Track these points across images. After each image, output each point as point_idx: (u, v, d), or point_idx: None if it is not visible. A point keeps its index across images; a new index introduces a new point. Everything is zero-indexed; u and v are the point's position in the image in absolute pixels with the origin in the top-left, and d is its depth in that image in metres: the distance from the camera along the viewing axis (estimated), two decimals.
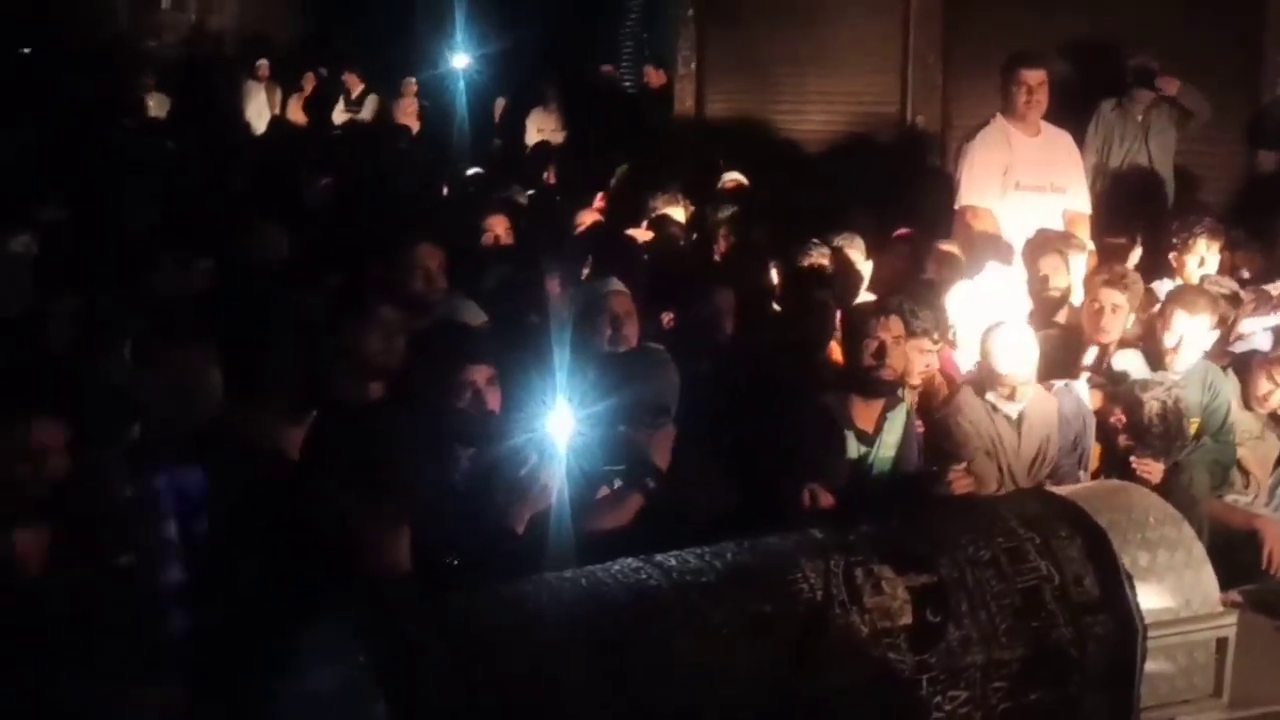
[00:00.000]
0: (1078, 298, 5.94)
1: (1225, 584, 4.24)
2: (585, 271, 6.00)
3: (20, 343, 4.96)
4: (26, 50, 15.87)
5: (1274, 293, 6.27)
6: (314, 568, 3.61)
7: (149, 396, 4.00)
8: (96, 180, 8.39)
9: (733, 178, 9.18)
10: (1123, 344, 5.47)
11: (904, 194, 8.49)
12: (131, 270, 5.52)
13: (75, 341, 5.16)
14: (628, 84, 14.23)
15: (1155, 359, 5.32)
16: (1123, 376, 5.25)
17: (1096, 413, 5.12)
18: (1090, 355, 5.49)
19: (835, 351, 5.26)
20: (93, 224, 6.88)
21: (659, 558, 3.43)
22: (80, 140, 10.62)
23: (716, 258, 6.90)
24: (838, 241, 6.32)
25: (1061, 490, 4.19)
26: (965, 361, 5.39)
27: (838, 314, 5.33)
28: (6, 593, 3.33)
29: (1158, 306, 5.64)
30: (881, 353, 4.57)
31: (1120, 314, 5.43)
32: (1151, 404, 4.95)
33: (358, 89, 14.96)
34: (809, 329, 5.25)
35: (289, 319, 4.90)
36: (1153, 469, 4.81)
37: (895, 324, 4.65)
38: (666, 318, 5.43)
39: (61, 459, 3.48)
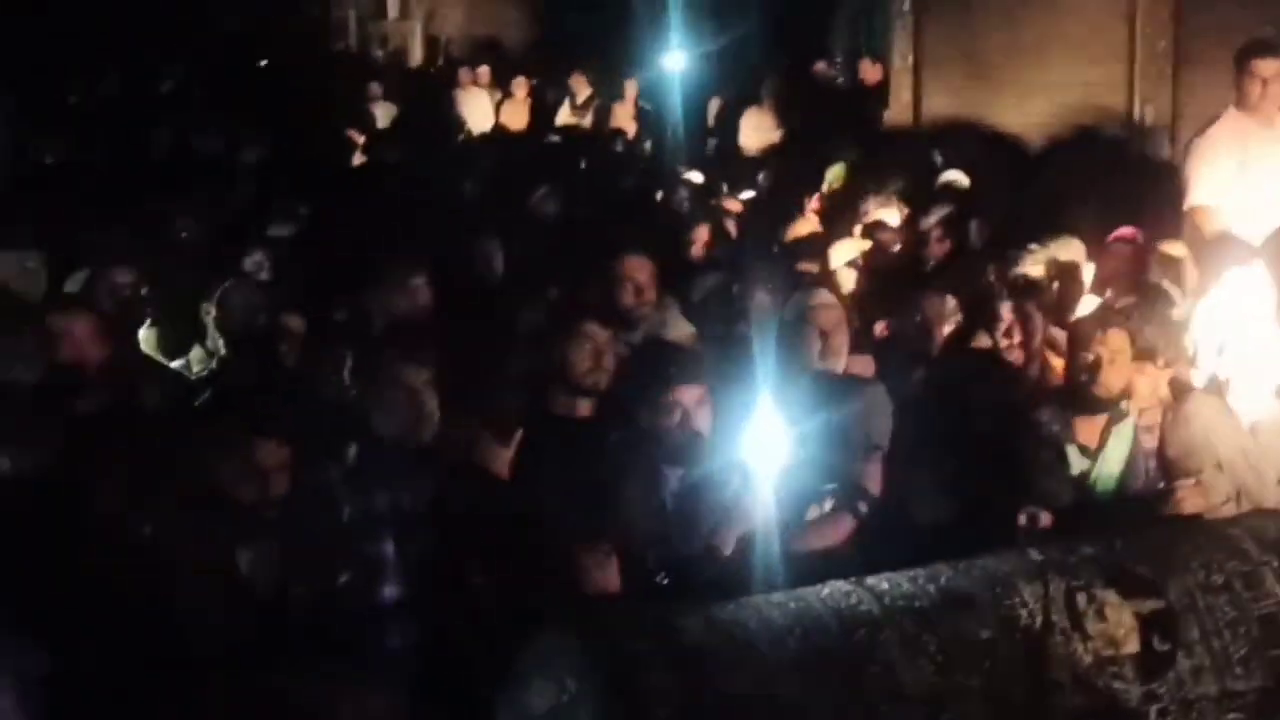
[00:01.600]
0: None
1: None
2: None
3: (251, 362, 5.17)
4: (263, 63, 16.52)
5: None
6: (530, 586, 3.70)
7: (369, 415, 4.11)
8: (325, 195, 8.71)
9: (951, 177, 9.02)
10: None
11: (1130, 191, 8.21)
12: (357, 287, 5.68)
13: (301, 360, 5.36)
14: (842, 81, 14.12)
15: None
16: None
17: None
18: None
19: (1054, 364, 5.12)
20: (322, 240, 7.11)
21: (870, 581, 3.39)
22: (310, 154, 11.03)
23: (930, 262, 6.79)
24: (1055, 246, 6.14)
25: None
26: (1203, 369, 5.19)
27: (1049, 326, 5.19)
28: (237, 609, 3.48)
29: None
30: (1097, 367, 4.44)
31: None
32: None
33: (584, 93, 15.15)
34: (1010, 339, 5.11)
35: (504, 336, 5.02)
36: None
37: (1115, 338, 4.50)
38: (879, 327, 5.37)
39: (284, 478, 3.63)
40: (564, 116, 15.04)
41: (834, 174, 9.50)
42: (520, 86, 15.65)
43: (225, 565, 3.52)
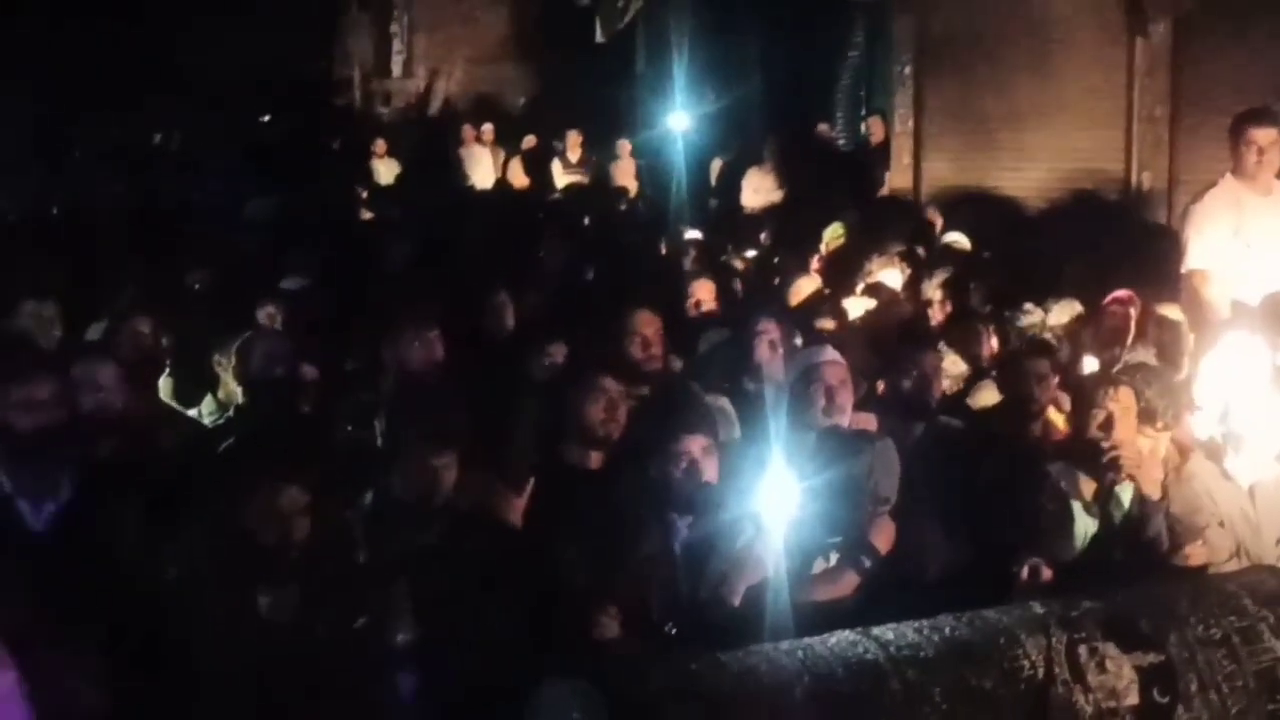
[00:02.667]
0: None
1: None
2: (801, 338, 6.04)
3: (270, 410, 5.23)
4: (266, 119, 16.59)
5: None
6: (543, 632, 3.75)
7: (387, 470, 4.16)
8: (334, 249, 8.80)
9: (953, 239, 9.12)
10: None
11: (1127, 254, 8.29)
12: (371, 339, 5.75)
13: (318, 407, 5.43)
14: (843, 142, 14.24)
15: None
16: None
17: None
18: None
19: (1056, 419, 5.19)
20: (333, 293, 7.19)
21: (876, 631, 3.43)
22: (317, 209, 11.13)
23: (933, 323, 6.87)
24: (1057, 308, 6.23)
25: None
26: (1204, 430, 5.25)
27: (1056, 382, 5.25)
28: (255, 651, 3.53)
29: None
30: (1109, 424, 4.51)
31: None
32: None
33: (576, 152, 15.26)
34: (1027, 398, 5.17)
35: (514, 389, 5.09)
36: None
37: (1125, 395, 4.59)
38: (880, 385, 5.43)
39: (305, 523, 3.70)
40: (559, 175, 15.14)
41: (831, 233, 9.52)
42: (529, 144, 15.74)
43: (246, 608, 3.58)
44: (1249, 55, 9.59)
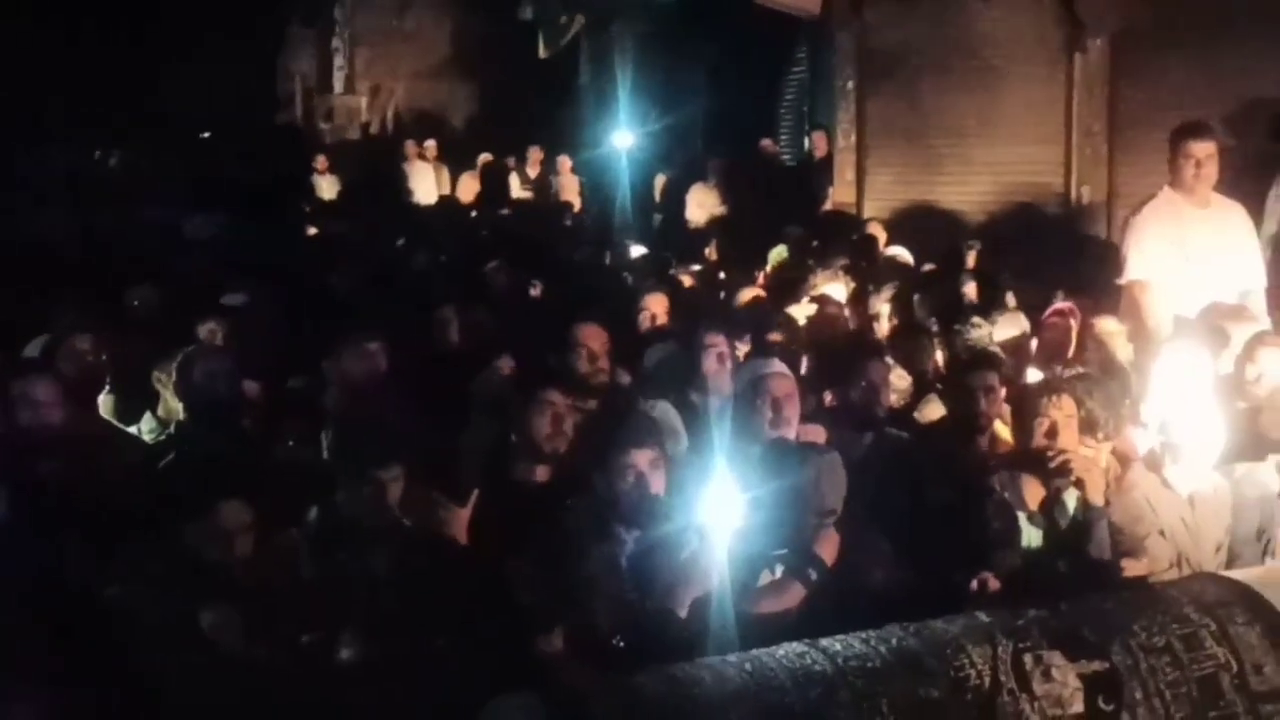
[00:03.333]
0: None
1: None
2: (745, 350, 6.05)
3: (213, 427, 5.17)
4: (205, 135, 16.49)
5: None
6: (489, 646, 3.73)
7: (333, 487, 4.13)
8: (277, 265, 8.73)
9: (895, 253, 9.17)
10: None
11: (1068, 267, 8.38)
12: (315, 354, 5.71)
13: (261, 424, 5.37)
14: (787, 157, 14.30)
15: None
16: None
17: None
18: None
19: (1003, 432, 5.22)
20: (276, 309, 7.13)
21: (824, 643, 3.43)
22: (260, 226, 11.04)
23: (880, 337, 6.91)
24: (1001, 321, 6.28)
25: (1239, 574, 4.09)
26: (1143, 442, 5.30)
27: (1003, 395, 5.28)
28: (199, 670, 3.49)
29: None
30: (1053, 433, 4.55)
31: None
32: None
33: (536, 168, 15.27)
34: (972, 410, 5.20)
35: (460, 404, 5.07)
36: None
37: (1068, 404, 4.62)
38: (828, 396, 5.44)
39: (249, 539, 3.67)
40: (515, 189, 15.13)
41: (775, 254, 9.63)
42: (485, 160, 15.71)
43: (190, 628, 3.53)
44: (1186, 71, 9.72)
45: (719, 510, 3.89)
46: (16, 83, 15.25)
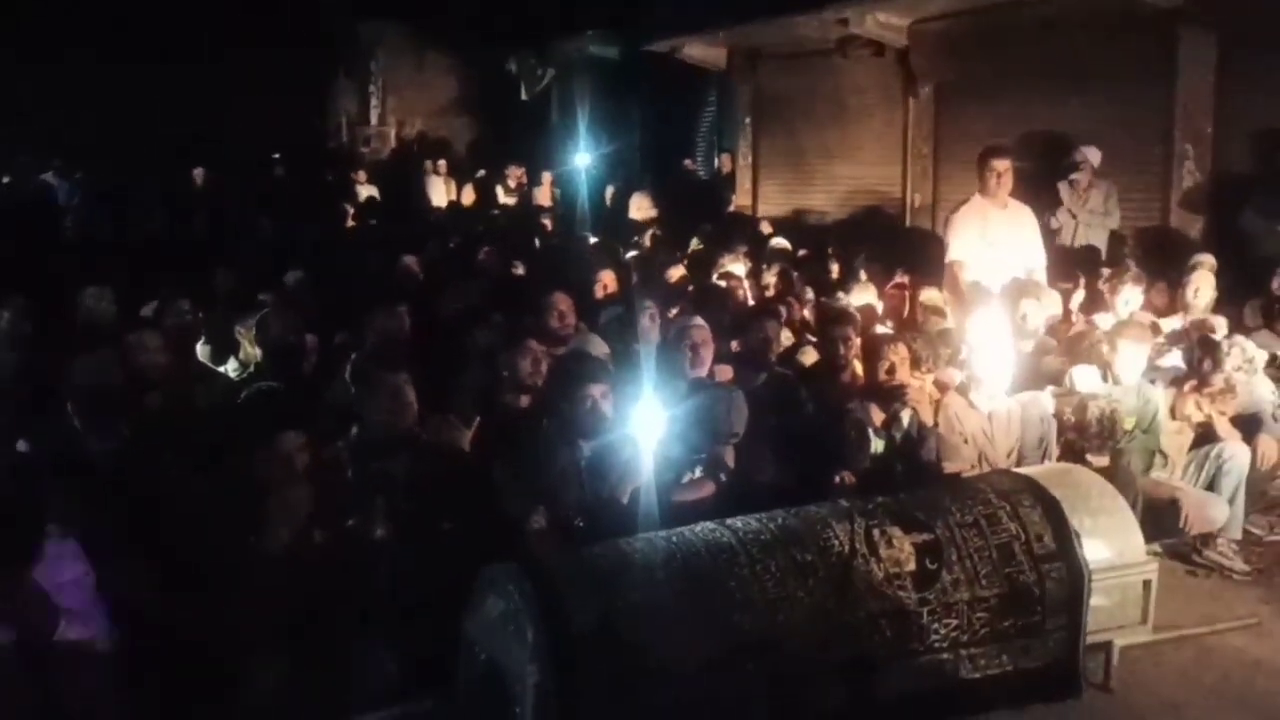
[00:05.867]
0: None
1: (1151, 538, 4.17)
2: (674, 311, 6.00)
3: (282, 368, 5.08)
4: (275, 155, 16.25)
5: (1181, 326, 6.13)
6: (485, 529, 3.68)
7: (364, 406, 4.06)
8: (329, 250, 8.57)
9: (778, 242, 9.17)
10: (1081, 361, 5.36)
11: (904, 253, 8.39)
12: (353, 316, 5.61)
13: (316, 369, 5.29)
14: (702, 174, 14.24)
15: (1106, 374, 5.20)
16: (1074, 389, 5.15)
17: (1056, 416, 5.01)
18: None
19: (859, 369, 5.22)
20: (324, 283, 7.01)
21: (729, 521, 3.44)
22: (315, 223, 10.86)
23: (768, 299, 6.88)
24: (856, 290, 6.25)
25: (1025, 470, 4.12)
26: (956, 374, 5.31)
27: (858, 343, 5.28)
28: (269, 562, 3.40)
29: (1104, 334, 5.51)
30: (892, 370, 4.55)
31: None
32: (1093, 410, 4.86)
33: (516, 180, 15.13)
34: (836, 355, 5.19)
35: (465, 350, 4.99)
36: (1098, 459, 4.72)
37: (902, 349, 4.62)
38: (733, 344, 5.41)
39: (305, 456, 3.56)
40: (501, 196, 15.01)
41: (694, 242, 9.62)
42: (480, 175, 15.53)
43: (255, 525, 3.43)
44: (988, 110, 9.74)
45: (649, 427, 3.87)
46: (126, 117, 15.02)
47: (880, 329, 6.09)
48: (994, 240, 6.28)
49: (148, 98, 15.59)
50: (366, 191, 14.93)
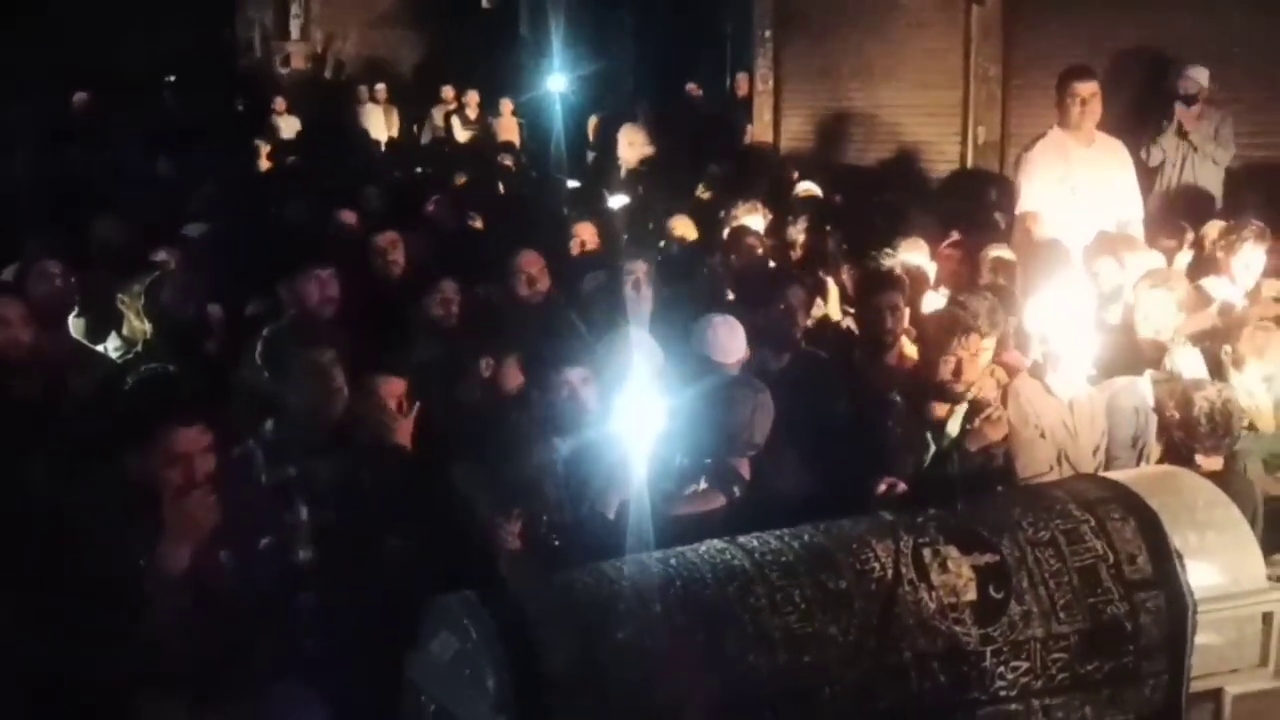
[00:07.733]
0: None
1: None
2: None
3: (178, 346, 5.07)
4: (170, 79, 16.18)
5: None
6: (437, 548, 3.68)
7: (283, 394, 4.06)
8: (237, 199, 8.55)
9: (806, 188, 9.16)
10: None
11: (965, 201, 8.40)
12: (269, 281, 5.60)
13: (221, 349, 5.28)
14: (710, 100, 14.22)
15: (1215, 361, 5.21)
16: (1176, 376, 5.16)
17: (1156, 408, 5.02)
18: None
19: (909, 349, 5.21)
20: (233, 239, 6.99)
21: (742, 540, 3.43)
22: (220, 162, 10.83)
23: (793, 262, 6.89)
24: (903, 249, 6.26)
25: (1115, 475, 4.12)
26: (1029, 355, 5.31)
27: (907, 314, 5.27)
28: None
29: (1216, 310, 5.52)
30: (959, 370, 4.53)
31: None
32: (1201, 403, 4.87)
33: (474, 110, 15.10)
34: (879, 330, 5.19)
35: (408, 323, 4.99)
36: (1209, 461, 4.73)
37: (974, 342, 4.61)
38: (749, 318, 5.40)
39: (209, 458, 3.53)
40: (458, 129, 14.98)
41: (701, 188, 9.62)
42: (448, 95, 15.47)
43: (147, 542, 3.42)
44: (1070, 23, 9.76)
45: (642, 423, 3.87)
46: None
47: (933, 297, 6.09)
48: (1077, 184, 6.31)
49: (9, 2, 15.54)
50: (286, 123, 14.90)
